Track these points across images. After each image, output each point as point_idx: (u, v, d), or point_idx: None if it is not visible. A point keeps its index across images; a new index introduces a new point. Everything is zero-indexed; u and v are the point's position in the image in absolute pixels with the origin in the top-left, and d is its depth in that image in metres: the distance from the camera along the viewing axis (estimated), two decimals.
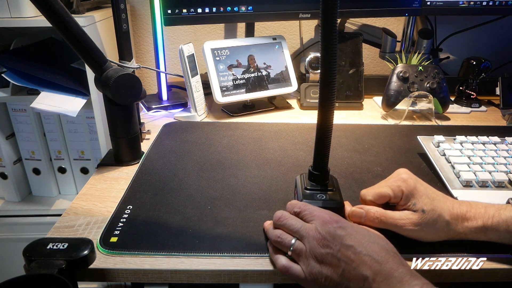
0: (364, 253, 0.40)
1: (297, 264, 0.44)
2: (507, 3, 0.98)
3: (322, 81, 0.43)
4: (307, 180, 0.52)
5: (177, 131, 0.82)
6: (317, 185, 0.51)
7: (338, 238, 0.41)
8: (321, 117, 0.45)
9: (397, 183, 0.49)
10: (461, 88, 1.00)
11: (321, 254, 0.41)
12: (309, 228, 0.44)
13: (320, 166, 0.50)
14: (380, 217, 0.48)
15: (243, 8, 0.92)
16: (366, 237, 0.42)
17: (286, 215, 0.47)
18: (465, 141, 0.71)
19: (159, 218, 0.54)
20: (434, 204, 0.48)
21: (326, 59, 0.42)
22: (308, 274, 0.42)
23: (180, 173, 0.66)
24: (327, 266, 0.41)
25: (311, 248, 0.42)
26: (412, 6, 0.98)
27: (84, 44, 0.57)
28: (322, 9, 0.40)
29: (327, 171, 0.50)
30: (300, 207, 0.47)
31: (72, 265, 0.44)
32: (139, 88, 0.65)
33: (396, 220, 0.48)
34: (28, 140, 0.98)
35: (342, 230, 0.42)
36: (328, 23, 0.40)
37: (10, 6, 0.78)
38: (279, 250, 0.46)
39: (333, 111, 0.45)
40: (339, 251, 0.41)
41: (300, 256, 0.43)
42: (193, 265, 0.47)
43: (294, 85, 0.97)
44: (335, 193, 0.51)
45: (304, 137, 0.80)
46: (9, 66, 0.86)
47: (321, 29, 0.41)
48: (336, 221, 0.43)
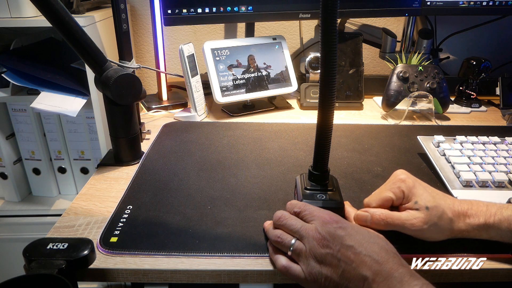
0: (364, 253, 0.40)
1: (297, 264, 0.44)
2: (507, 3, 0.98)
3: (322, 82, 0.43)
4: (307, 180, 0.52)
5: (177, 131, 0.82)
6: (317, 185, 0.51)
7: (338, 238, 0.41)
8: (321, 117, 0.45)
9: (397, 185, 0.49)
10: (461, 88, 1.00)
11: (321, 254, 0.41)
12: (309, 228, 0.44)
13: (320, 166, 0.50)
14: (386, 219, 0.48)
15: (243, 8, 0.92)
16: (366, 238, 0.42)
17: (286, 215, 0.47)
18: (465, 141, 0.71)
19: (159, 218, 0.54)
20: (436, 201, 0.47)
21: (326, 59, 0.42)
22: (308, 274, 0.42)
23: (180, 173, 0.66)
24: (327, 266, 0.41)
25: (311, 248, 0.42)
26: (412, 6, 0.98)
27: (84, 44, 0.57)
28: (322, 9, 0.40)
29: (327, 171, 0.50)
30: (300, 207, 0.47)
31: (72, 265, 0.44)
32: (139, 88, 0.65)
33: (404, 221, 0.47)
34: (28, 140, 0.98)
35: (342, 231, 0.42)
36: (328, 23, 0.40)
37: (10, 6, 0.78)
38: (279, 250, 0.46)
39: (333, 111, 0.45)
40: (339, 251, 0.41)
41: (300, 256, 0.43)
42: (193, 265, 0.47)
43: (294, 85, 0.97)
44: (335, 193, 0.51)
45: (304, 137, 0.80)
46: (9, 66, 0.86)
47: (321, 29, 0.41)
48: (336, 221, 0.43)
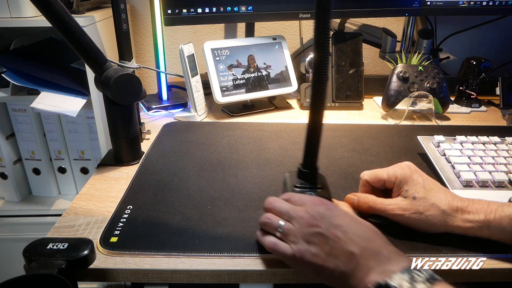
0: (352, 232, 0.41)
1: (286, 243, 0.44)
2: (507, 3, 0.98)
3: (313, 82, 0.44)
4: (296, 178, 0.52)
5: (177, 131, 0.82)
6: (306, 183, 0.51)
7: (327, 218, 0.43)
8: (312, 116, 0.46)
9: (394, 169, 0.52)
10: (461, 88, 1.00)
11: (309, 233, 0.42)
12: (298, 209, 0.45)
13: (309, 164, 0.50)
14: (368, 202, 0.51)
15: (243, 8, 0.92)
16: (354, 220, 0.44)
17: (276, 199, 0.48)
18: (465, 141, 0.71)
19: (159, 218, 0.54)
20: (428, 193, 0.49)
21: (318, 60, 0.42)
22: (297, 251, 0.42)
23: (180, 173, 0.66)
24: (315, 244, 0.42)
25: (300, 228, 0.43)
26: (412, 6, 0.98)
27: (84, 44, 0.57)
28: (316, 12, 0.40)
29: (317, 169, 0.51)
30: (288, 195, 0.48)
31: (72, 265, 0.44)
32: (139, 88, 0.65)
33: (385, 206, 0.50)
34: (28, 140, 0.98)
35: (331, 212, 0.43)
36: (322, 25, 0.41)
37: (10, 6, 0.78)
38: (268, 233, 0.46)
39: (324, 110, 0.45)
40: (328, 230, 0.42)
41: (288, 236, 0.44)
42: (193, 265, 0.47)
43: (294, 85, 0.97)
44: (324, 191, 0.51)
45: (304, 137, 0.79)
46: (9, 66, 0.86)
47: (314, 35, 0.41)
48: (325, 204, 0.45)
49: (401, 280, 0.36)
